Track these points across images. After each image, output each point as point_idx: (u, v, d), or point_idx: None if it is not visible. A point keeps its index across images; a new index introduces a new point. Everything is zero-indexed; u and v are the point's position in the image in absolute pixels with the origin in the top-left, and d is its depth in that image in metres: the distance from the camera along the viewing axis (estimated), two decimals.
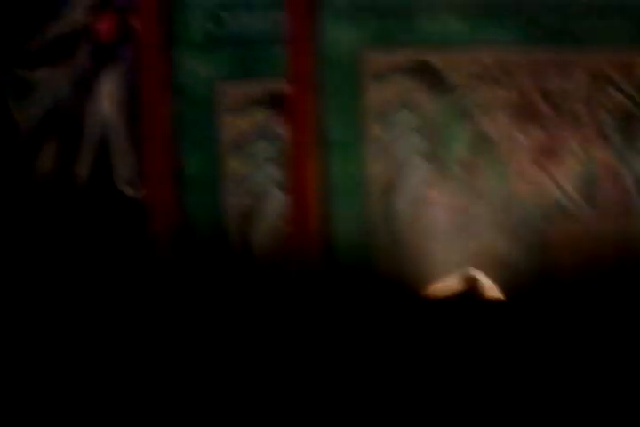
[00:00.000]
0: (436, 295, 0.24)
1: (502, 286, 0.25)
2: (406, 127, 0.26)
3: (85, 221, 0.27)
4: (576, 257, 0.26)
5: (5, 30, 0.29)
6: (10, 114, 0.29)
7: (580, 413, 0.26)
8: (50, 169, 0.28)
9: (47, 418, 0.29)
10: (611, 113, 0.26)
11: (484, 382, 0.25)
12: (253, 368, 0.27)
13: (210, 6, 0.28)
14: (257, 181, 0.26)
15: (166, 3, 0.28)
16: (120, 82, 0.28)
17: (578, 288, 0.25)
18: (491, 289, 0.24)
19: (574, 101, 0.27)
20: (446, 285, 0.24)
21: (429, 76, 0.27)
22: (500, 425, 0.25)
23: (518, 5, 0.27)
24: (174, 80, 0.28)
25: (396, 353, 0.25)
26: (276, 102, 0.27)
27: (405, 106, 0.26)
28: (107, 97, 0.29)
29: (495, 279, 0.25)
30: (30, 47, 0.29)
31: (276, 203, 0.26)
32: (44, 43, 0.29)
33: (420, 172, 0.26)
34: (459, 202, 0.26)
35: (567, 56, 0.27)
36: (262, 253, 0.26)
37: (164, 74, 0.28)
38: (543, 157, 0.26)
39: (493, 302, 0.24)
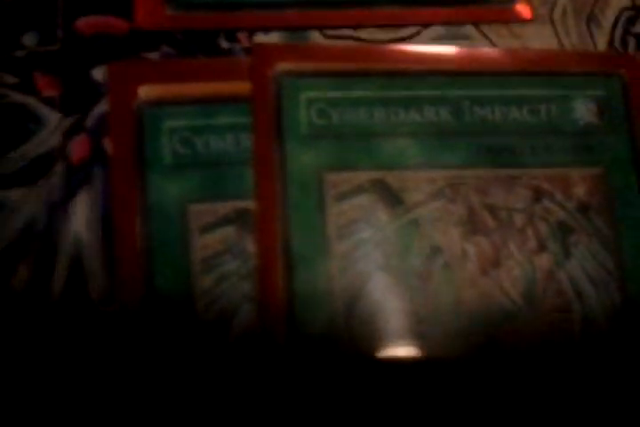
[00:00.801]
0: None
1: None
2: (367, 243, 0.28)
3: (60, 334, 0.27)
4: (519, 355, 0.28)
5: None
6: None
7: None
8: (24, 287, 0.28)
9: None
10: (550, 225, 0.29)
11: None
12: None
13: (181, 130, 0.29)
14: (229, 297, 0.27)
15: (138, 126, 0.29)
16: (93, 202, 0.29)
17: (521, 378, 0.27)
18: None
19: (517, 215, 0.29)
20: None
21: (387, 194, 0.29)
22: None
23: (465, 130, 0.30)
24: (145, 201, 0.29)
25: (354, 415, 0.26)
26: (244, 221, 0.28)
27: (366, 223, 0.28)
28: (80, 217, 0.29)
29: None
30: (3, 169, 0.30)
31: (247, 316, 0.27)
32: (17, 164, 0.30)
33: (380, 283, 0.28)
34: (413, 309, 0.28)
35: (509, 174, 0.29)
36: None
37: (135, 195, 0.29)
38: (489, 265, 0.28)
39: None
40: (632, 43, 0.32)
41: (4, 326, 0.28)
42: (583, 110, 0.30)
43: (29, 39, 0.31)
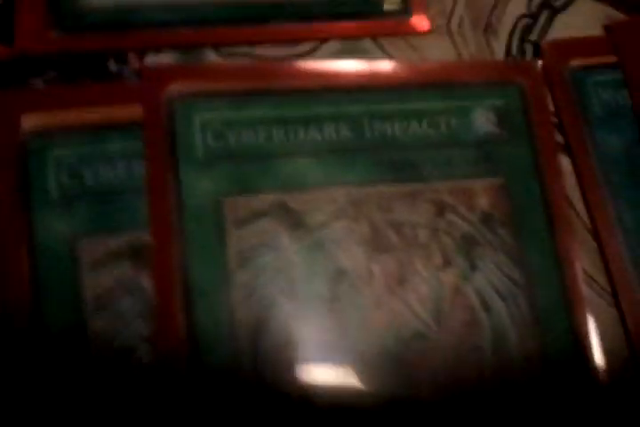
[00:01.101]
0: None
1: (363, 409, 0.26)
2: (269, 269, 0.27)
3: None
4: (431, 373, 0.27)
5: None
6: None
7: None
8: None
9: None
10: (454, 239, 0.28)
11: None
12: None
13: (67, 159, 0.27)
14: (124, 337, 0.26)
15: (22, 158, 0.28)
16: None
17: (437, 403, 0.27)
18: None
19: (421, 230, 0.28)
20: None
21: (288, 217, 0.28)
22: None
23: (366, 146, 0.29)
24: (32, 238, 0.27)
25: None
26: (138, 255, 0.27)
27: (267, 248, 0.27)
28: None
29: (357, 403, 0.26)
30: None
31: (145, 357, 0.26)
32: None
33: (284, 311, 0.27)
34: (320, 336, 0.27)
35: (412, 188, 0.29)
36: None
37: (20, 233, 0.27)
38: (395, 284, 0.28)
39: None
40: (529, 50, 0.32)
41: None
42: (482, 120, 0.30)
43: None
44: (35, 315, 0.26)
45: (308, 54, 0.31)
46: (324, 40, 0.31)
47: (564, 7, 0.33)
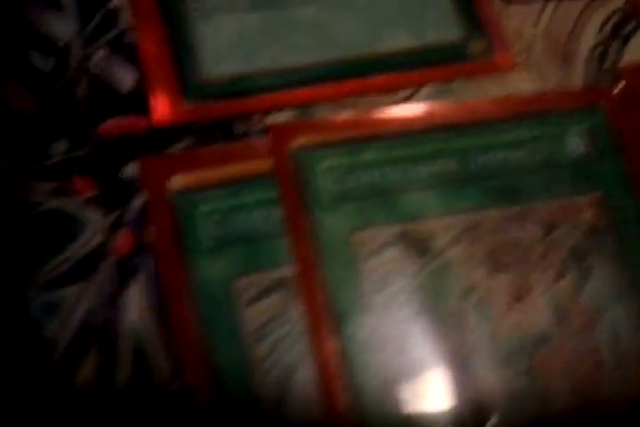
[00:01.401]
0: None
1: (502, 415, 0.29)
2: (402, 293, 0.30)
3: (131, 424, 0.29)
4: (560, 375, 0.29)
5: (23, 258, 0.32)
6: (39, 330, 0.31)
7: None
8: (90, 382, 0.30)
9: None
10: (564, 252, 0.31)
11: None
12: None
13: (213, 213, 0.31)
14: (285, 361, 0.29)
15: (174, 215, 0.32)
16: (145, 290, 0.31)
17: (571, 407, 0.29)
18: None
19: (532, 248, 0.31)
20: None
21: (412, 245, 0.31)
22: None
23: (472, 176, 0.32)
24: (192, 283, 0.31)
25: None
26: (286, 288, 0.31)
27: (398, 274, 0.30)
28: (134, 306, 0.32)
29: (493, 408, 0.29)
30: (53, 270, 0.32)
31: (305, 376, 0.29)
32: (67, 265, 0.32)
33: (418, 327, 0.30)
34: (452, 346, 0.30)
35: (519, 210, 0.32)
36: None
37: (181, 279, 0.31)
38: (517, 296, 0.31)
39: None
40: (606, 77, 0.35)
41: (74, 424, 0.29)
42: (574, 143, 0.33)
43: (59, 147, 0.34)
44: (206, 352, 0.29)
45: (408, 100, 0.35)
46: (420, 85, 0.35)
47: (634, 31, 0.36)
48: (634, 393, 0.29)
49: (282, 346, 0.30)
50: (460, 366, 0.29)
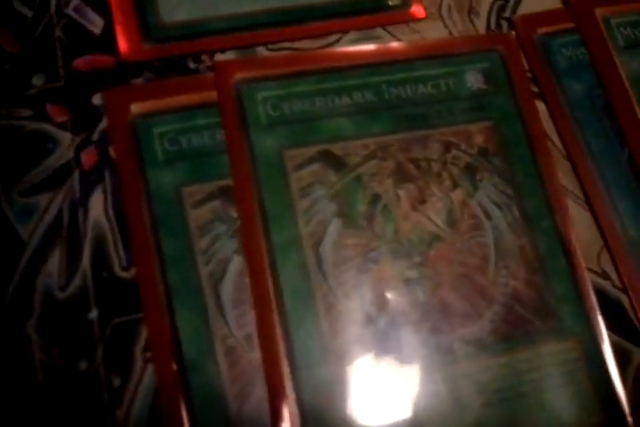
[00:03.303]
0: None
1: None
2: (322, 198, 0.35)
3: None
4: (449, 266, 0.34)
5: (5, 171, 0.37)
6: (16, 232, 0.36)
7: None
8: (58, 267, 0.34)
9: None
10: (459, 168, 0.36)
11: None
12: None
13: (167, 133, 0.36)
14: (222, 252, 0.34)
15: (133, 135, 0.36)
16: (107, 195, 0.36)
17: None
18: None
19: (434, 163, 0.36)
20: None
21: (333, 161, 0.36)
22: None
23: (386, 106, 0.36)
24: (147, 190, 0.35)
25: None
26: (226, 194, 0.35)
27: (320, 184, 0.35)
28: (97, 208, 0.36)
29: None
30: (32, 180, 0.36)
31: (237, 265, 0.34)
32: (42, 175, 0.36)
33: (335, 226, 0.34)
34: (362, 241, 0.35)
35: (424, 134, 0.36)
36: None
37: (138, 186, 0.35)
38: (417, 203, 0.35)
39: None
40: (504, 25, 0.40)
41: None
42: (473, 80, 0.38)
43: (38, 80, 0.38)
44: (156, 244, 0.34)
45: (335, 43, 0.39)
46: (346, 32, 0.39)
47: None
48: (513, 281, 0.34)
49: (220, 241, 0.34)
50: (369, 258, 0.34)
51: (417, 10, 0.40)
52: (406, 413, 0.31)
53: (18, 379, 0.31)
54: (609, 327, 0.33)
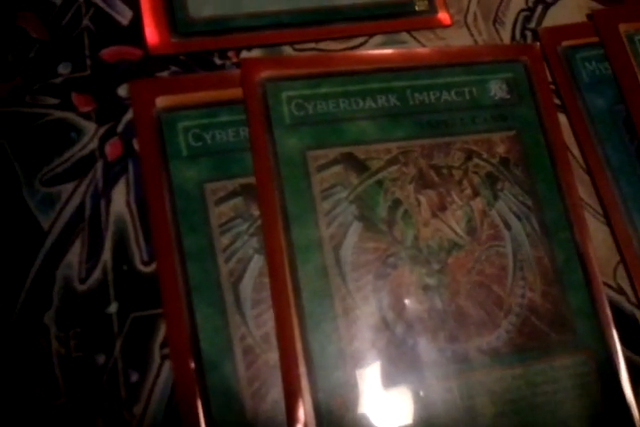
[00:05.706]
0: None
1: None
2: (343, 201, 0.33)
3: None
4: (467, 275, 0.33)
5: (28, 159, 0.35)
6: (37, 222, 0.34)
7: None
8: (78, 262, 0.33)
9: None
10: (480, 176, 0.34)
11: None
12: None
13: (192, 128, 0.34)
14: (243, 251, 0.33)
15: (158, 128, 0.34)
16: (130, 188, 0.34)
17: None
18: None
19: (455, 171, 0.34)
20: None
21: (355, 164, 0.34)
22: None
23: (409, 111, 0.34)
24: (170, 184, 0.34)
25: None
26: (248, 192, 0.34)
27: (342, 186, 0.33)
28: (120, 200, 0.34)
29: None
30: (51, 169, 0.35)
31: (257, 264, 0.32)
32: (66, 165, 0.34)
33: (355, 229, 0.33)
34: (382, 246, 0.33)
35: (446, 141, 0.35)
36: None
37: (161, 180, 0.33)
38: (438, 211, 0.34)
39: None
40: (529, 36, 0.38)
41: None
42: (497, 89, 0.36)
43: (64, 68, 0.36)
44: (177, 238, 0.32)
45: (360, 46, 0.37)
46: (371, 35, 0.38)
47: (555, 1, 0.39)
48: (529, 292, 0.33)
49: (241, 239, 0.32)
50: (388, 264, 0.32)
51: (443, 16, 0.38)
52: (419, 419, 0.29)
53: (34, 369, 0.29)
54: (623, 342, 0.32)
